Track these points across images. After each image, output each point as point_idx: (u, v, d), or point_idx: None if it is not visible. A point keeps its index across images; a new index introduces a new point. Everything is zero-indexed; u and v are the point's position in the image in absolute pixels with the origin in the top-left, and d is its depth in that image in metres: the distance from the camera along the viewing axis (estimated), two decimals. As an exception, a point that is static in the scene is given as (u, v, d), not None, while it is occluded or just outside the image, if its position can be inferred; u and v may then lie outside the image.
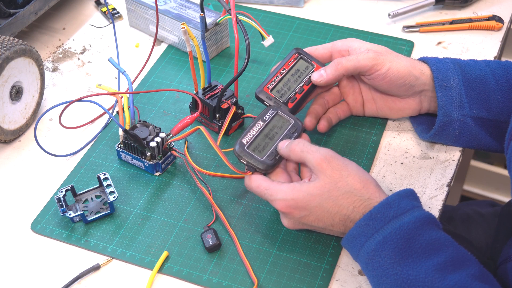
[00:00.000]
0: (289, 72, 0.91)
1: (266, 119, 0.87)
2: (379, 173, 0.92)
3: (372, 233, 0.74)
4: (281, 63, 0.92)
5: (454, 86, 0.89)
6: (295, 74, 0.92)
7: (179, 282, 0.82)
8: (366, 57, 0.89)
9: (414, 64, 0.90)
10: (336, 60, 0.90)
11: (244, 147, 0.83)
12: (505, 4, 1.16)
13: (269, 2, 1.18)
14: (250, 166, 0.83)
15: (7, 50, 0.92)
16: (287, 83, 0.91)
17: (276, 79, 0.90)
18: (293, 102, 0.90)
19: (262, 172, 0.83)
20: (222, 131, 0.90)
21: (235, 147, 0.83)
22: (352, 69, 0.89)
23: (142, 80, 1.07)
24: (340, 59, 0.90)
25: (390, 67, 0.88)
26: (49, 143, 0.98)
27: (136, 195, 0.91)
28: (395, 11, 1.14)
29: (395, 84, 0.90)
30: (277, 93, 0.90)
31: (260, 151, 0.84)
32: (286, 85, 0.90)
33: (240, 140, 0.84)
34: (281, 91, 0.90)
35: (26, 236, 0.87)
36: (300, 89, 0.91)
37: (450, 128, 0.90)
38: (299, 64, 0.92)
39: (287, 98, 0.90)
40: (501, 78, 0.90)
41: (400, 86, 0.90)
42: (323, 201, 0.78)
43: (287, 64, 0.92)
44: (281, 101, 0.89)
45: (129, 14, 1.14)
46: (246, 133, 0.85)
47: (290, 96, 0.90)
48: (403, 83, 0.89)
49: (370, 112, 0.97)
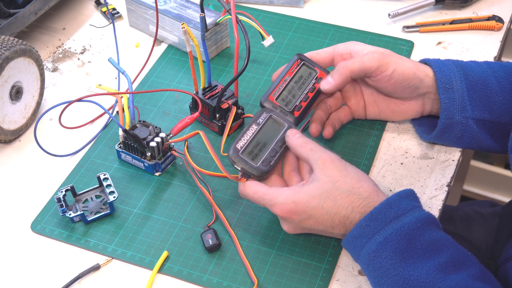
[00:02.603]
0: (293, 79, 0.90)
1: (259, 122, 0.86)
2: (379, 173, 0.92)
3: (373, 233, 0.74)
4: (284, 70, 0.91)
5: (457, 88, 0.89)
6: (299, 81, 0.91)
7: (179, 282, 0.82)
8: (371, 58, 0.88)
9: (418, 66, 0.89)
10: (340, 64, 0.89)
11: (238, 152, 0.82)
12: (505, 4, 1.16)
13: (269, 2, 1.18)
14: (244, 172, 0.82)
15: (7, 50, 0.92)
16: (292, 90, 0.90)
17: (280, 87, 0.89)
18: (299, 111, 0.89)
19: (256, 178, 0.83)
20: (225, 136, 0.88)
21: (229, 153, 0.82)
22: (358, 71, 0.88)
23: (142, 80, 1.07)
24: (344, 62, 0.89)
25: (396, 69, 0.88)
26: (49, 143, 0.98)
27: (136, 195, 0.91)
28: (395, 11, 1.14)
29: (400, 86, 0.89)
30: (282, 101, 0.89)
31: (254, 157, 0.83)
32: (290, 93, 0.90)
33: (234, 145, 0.83)
34: (286, 99, 0.89)
35: (26, 236, 0.87)
36: (305, 96, 0.90)
37: (452, 130, 0.90)
38: (302, 70, 0.91)
39: (292, 106, 0.89)
40: (503, 80, 0.90)
41: (404, 88, 0.89)
42: (322, 201, 0.78)
43: (290, 71, 0.91)
44: (287, 110, 0.88)
45: (129, 14, 1.14)
46: (240, 138, 0.84)
47: (295, 104, 0.89)
48: (408, 85, 0.89)
49: (372, 115, 0.97)
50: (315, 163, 0.80)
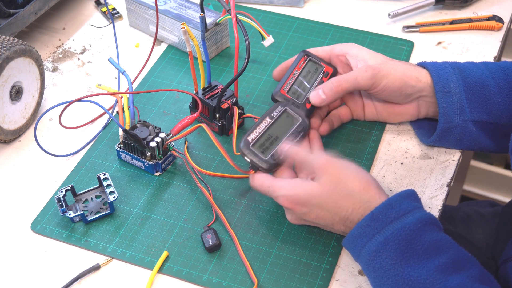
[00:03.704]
0: (301, 74, 0.93)
1: (274, 116, 0.87)
2: (379, 173, 0.92)
3: (374, 233, 0.75)
4: (292, 66, 0.93)
5: (455, 91, 0.89)
6: (307, 76, 0.93)
7: (179, 282, 0.82)
8: (365, 77, 0.89)
9: (410, 73, 0.90)
10: (335, 80, 0.90)
11: (249, 145, 0.84)
12: (505, 4, 1.16)
13: (269, 2, 1.18)
14: (253, 165, 0.83)
15: (7, 50, 0.92)
16: (301, 84, 0.92)
17: (290, 81, 0.92)
18: (310, 103, 0.91)
19: (265, 171, 0.83)
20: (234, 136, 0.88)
21: (240, 144, 0.84)
22: (352, 89, 0.90)
23: (142, 80, 1.07)
24: (339, 80, 0.89)
25: (387, 83, 0.89)
26: (49, 143, 0.98)
27: (136, 195, 0.91)
28: (395, 11, 1.14)
29: (392, 95, 0.91)
30: (293, 94, 0.91)
31: (264, 150, 0.84)
32: (300, 87, 0.92)
33: (245, 138, 0.84)
34: (297, 92, 0.91)
35: (26, 236, 0.87)
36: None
37: (451, 134, 0.90)
38: (309, 65, 0.94)
39: (304, 99, 0.91)
40: (501, 81, 0.90)
41: (396, 96, 0.91)
42: (322, 202, 0.78)
43: (298, 66, 0.93)
44: (299, 102, 0.90)
45: (129, 14, 1.14)
46: (252, 130, 0.85)
47: (306, 97, 0.91)
48: (399, 94, 0.91)
49: (371, 116, 0.97)
50: (314, 166, 0.80)
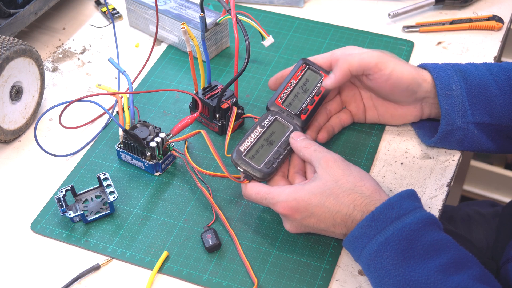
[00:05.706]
0: (298, 83, 0.91)
1: (264, 125, 0.87)
2: (379, 173, 0.92)
3: (374, 234, 0.74)
4: (289, 75, 0.92)
5: (457, 93, 0.88)
6: (305, 85, 0.92)
7: (179, 282, 0.82)
8: (370, 56, 0.88)
9: (417, 71, 0.89)
10: (340, 60, 0.89)
11: (242, 154, 0.83)
12: (505, 4, 1.16)
13: (269, 2, 1.18)
14: (247, 174, 0.83)
15: (7, 50, 0.92)
16: (298, 94, 0.91)
17: (286, 91, 0.90)
18: (305, 114, 0.90)
19: (259, 180, 0.83)
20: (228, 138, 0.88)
21: (232, 155, 0.84)
22: (357, 66, 0.88)
23: (142, 80, 1.07)
24: (343, 58, 0.89)
25: (394, 69, 0.88)
26: (49, 143, 0.98)
27: (136, 195, 0.91)
28: (395, 11, 1.14)
29: (398, 88, 0.89)
30: (288, 105, 0.90)
31: (257, 159, 0.84)
32: (296, 97, 0.91)
33: (237, 148, 0.84)
34: (293, 103, 0.90)
35: (26, 236, 0.87)
36: (311, 100, 0.91)
37: (452, 136, 0.90)
38: (307, 74, 0.92)
39: (299, 110, 0.90)
40: (503, 82, 0.90)
41: (402, 91, 0.89)
42: (324, 199, 0.78)
43: (295, 75, 0.92)
44: (294, 113, 0.89)
45: (129, 14, 1.14)
46: (244, 140, 0.85)
47: (302, 108, 0.90)
48: (406, 88, 0.89)
49: (372, 119, 0.97)
50: (318, 163, 0.81)
